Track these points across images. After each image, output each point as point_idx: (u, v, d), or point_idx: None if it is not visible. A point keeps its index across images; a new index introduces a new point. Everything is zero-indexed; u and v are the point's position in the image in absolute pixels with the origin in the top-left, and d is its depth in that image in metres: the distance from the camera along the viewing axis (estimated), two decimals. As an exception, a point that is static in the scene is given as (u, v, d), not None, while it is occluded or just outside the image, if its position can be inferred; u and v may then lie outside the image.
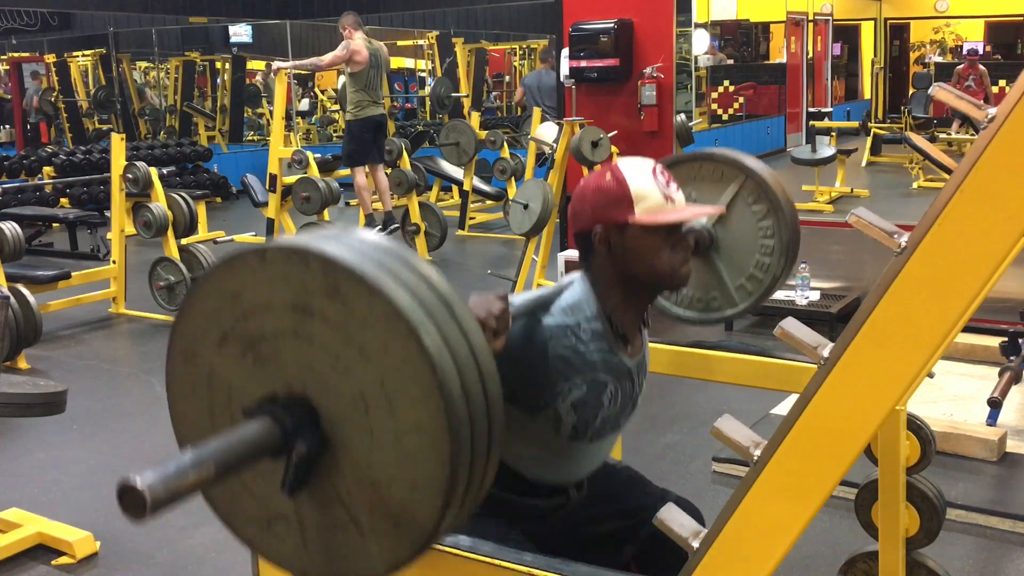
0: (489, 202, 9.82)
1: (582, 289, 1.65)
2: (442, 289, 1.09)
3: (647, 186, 1.58)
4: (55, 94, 13.33)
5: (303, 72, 14.44)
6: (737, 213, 2.08)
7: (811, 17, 14.98)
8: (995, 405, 3.64)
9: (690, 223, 2.01)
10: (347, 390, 1.08)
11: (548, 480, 1.72)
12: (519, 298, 1.56)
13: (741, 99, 14.44)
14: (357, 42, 7.34)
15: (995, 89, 12.99)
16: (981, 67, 12.72)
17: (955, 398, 4.07)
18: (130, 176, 6.04)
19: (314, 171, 7.15)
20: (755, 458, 1.24)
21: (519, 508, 1.71)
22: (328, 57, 7.47)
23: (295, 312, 1.08)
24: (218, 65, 15.16)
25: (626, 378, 1.69)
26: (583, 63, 6.18)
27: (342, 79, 10.25)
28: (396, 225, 8.12)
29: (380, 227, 7.98)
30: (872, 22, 17.69)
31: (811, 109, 14.37)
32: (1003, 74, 13.85)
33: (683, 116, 7.06)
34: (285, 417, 1.10)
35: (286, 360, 1.11)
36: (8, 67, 14.02)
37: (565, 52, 6.38)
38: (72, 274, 5.89)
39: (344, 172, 8.11)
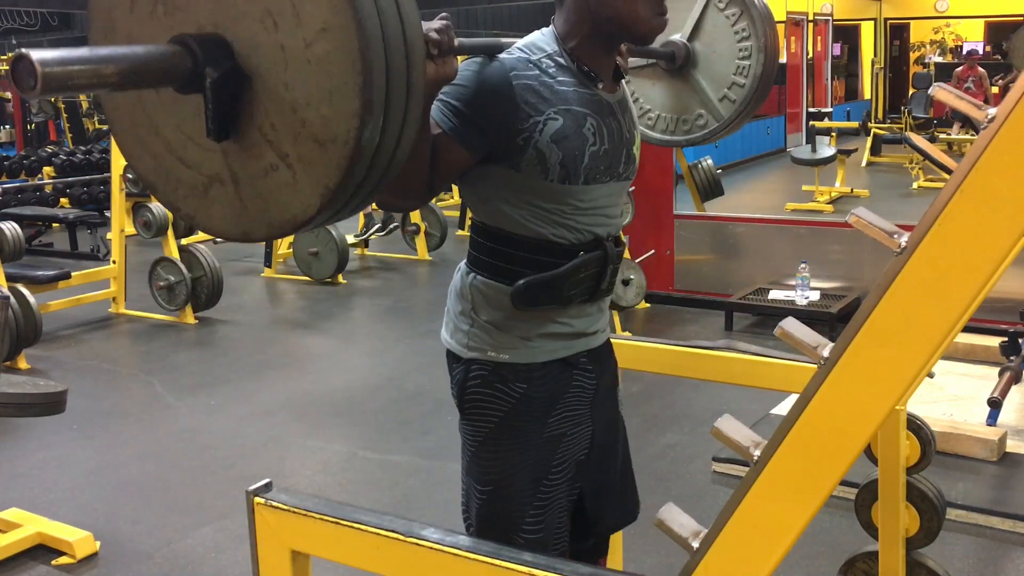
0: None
1: (542, 32, 1.65)
2: None
3: None
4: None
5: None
6: (711, 21, 2.09)
7: (811, 17, 14.98)
8: (995, 405, 3.64)
9: (669, 40, 2.07)
10: (253, 10, 1.10)
11: (571, 236, 1.64)
12: (470, 40, 1.53)
13: (741, 99, 14.41)
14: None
15: (995, 89, 12.99)
16: (980, 69, 12.71)
17: (955, 398, 4.07)
18: (130, 176, 6.04)
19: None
20: (755, 458, 1.24)
21: (564, 283, 1.63)
22: None
23: None
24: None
25: (608, 114, 1.64)
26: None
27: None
28: (396, 224, 8.13)
29: (379, 226, 8.00)
30: (872, 22, 17.71)
31: (811, 109, 14.38)
32: (1003, 74, 13.84)
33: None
34: (193, 43, 1.11)
35: (194, 3, 1.14)
36: (8, 67, 13.99)
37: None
38: (72, 274, 5.89)
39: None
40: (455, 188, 9.89)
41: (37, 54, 0.96)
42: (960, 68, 12.95)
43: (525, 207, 1.61)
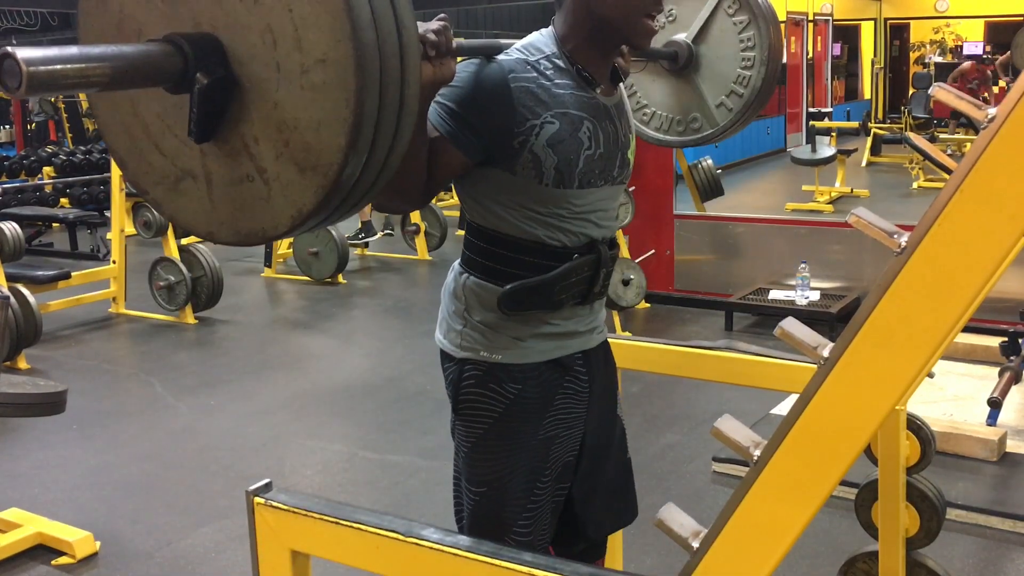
0: (489, 202, 9.82)
1: (540, 34, 1.64)
2: None
3: None
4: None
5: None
6: (718, 26, 2.07)
7: (811, 17, 14.98)
8: (995, 405, 3.64)
9: (671, 39, 2.07)
10: (255, 23, 1.07)
11: (565, 239, 1.64)
12: (468, 41, 1.53)
13: (741, 99, 14.42)
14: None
15: (995, 89, 12.98)
16: (988, 73, 12.64)
17: (955, 398, 4.07)
18: (130, 176, 6.04)
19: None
20: (755, 458, 1.24)
21: (553, 288, 1.63)
22: None
23: None
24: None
25: (604, 118, 1.64)
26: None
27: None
28: (390, 231, 8.15)
29: (385, 231, 8.03)
30: (872, 22, 17.70)
31: (811, 109, 14.38)
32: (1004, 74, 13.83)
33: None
34: (186, 45, 1.08)
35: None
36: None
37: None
38: (72, 274, 5.89)
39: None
40: (455, 188, 9.91)
41: (23, 52, 0.93)
42: (968, 64, 12.87)
43: (519, 209, 1.61)
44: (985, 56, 14.65)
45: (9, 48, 0.93)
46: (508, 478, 1.68)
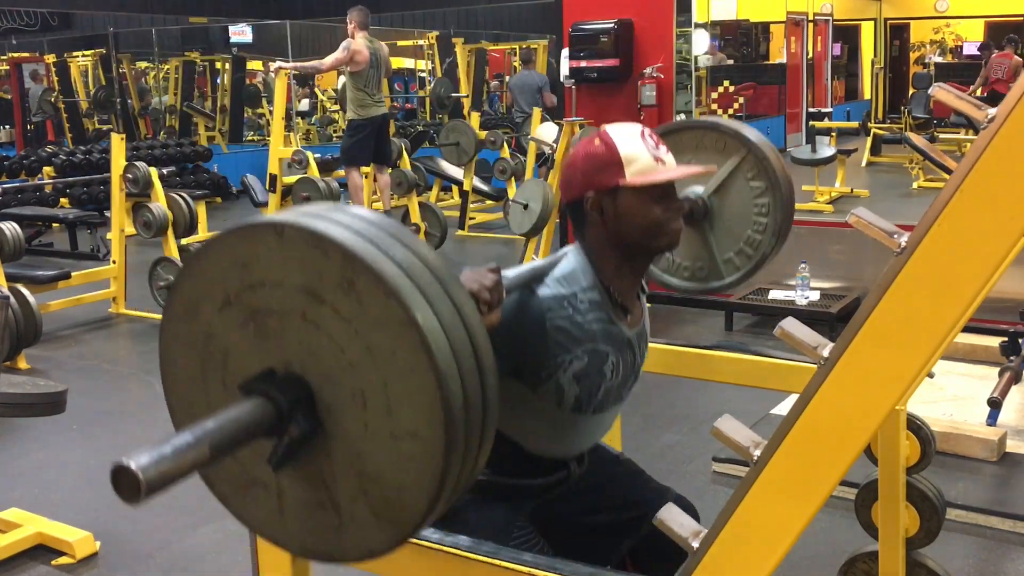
0: (489, 202, 9.83)
1: (577, 260, 1.65)
2: (457, 298, 1.07)
3: (636, 149, 1.59)
4: (55, 94, 13.33)
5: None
6: (735, 187, 2.07)
7: (811, 17, 14.98)
8: (995, 405, 3.64)
9: (687, 192, 2.06)
10: (348, 383, 1.06)
11: (550, 453, 1.71)
12: (512, 271, 1.54)
13: (741, 99, 14.44)
14: (358, 42, 7.33)
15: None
16: (1017, 58, 12.55)
17: (955, 398, 4.07)
18: (130, 176, 6.04)
19: (314, 171, 7.15)
20: (755, 458, 1.24)
21: (519, 488, 1.71)
22: (329, 60, 7.45)
23: (306, 295, 1.06)
24: (218, 65, 15.15)
25: (626, 348, 1.68)
26: (583, 63, 6.18)
27: (342, 79, 10.26)
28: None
29: None
30: (872, 22, 17.70)
31: (811, 109, 14.38)
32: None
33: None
34: (282, 398, 1.07)
35: (289, 339, 1.09)
36: (8, 67, 14.01)
37: (565, 52, 6.38)
38: (72, 274, 5.89)
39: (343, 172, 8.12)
40: (455, 188, 9.92)
41: (135, 462, 0.94)
42: (997, 55, 12.79)
43: (526, 420, 1.66)
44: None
45: (121, 462, 0.93)
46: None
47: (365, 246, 1.03)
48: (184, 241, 6.38)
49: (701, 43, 13.56)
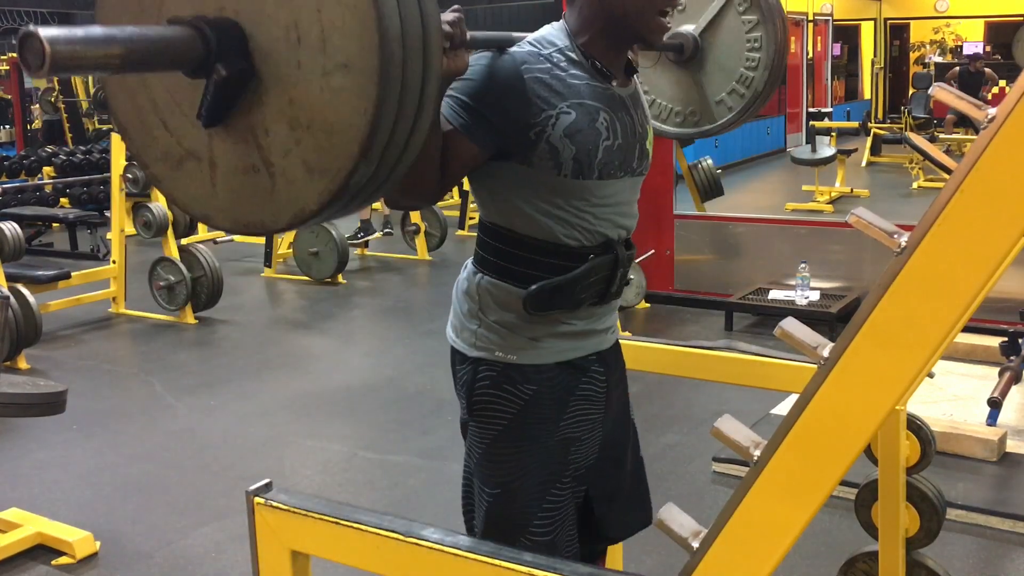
0: (489, 202, 9.82)
1: (554, 28, 1.63)
2: None
3: None
4: (55, 94, 13.33)
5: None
6: (727, 22, 2.05)
7: (811, 17, 14.98)
8: (995, 405, 3.64)
9: (678, 29, 2.04)
10: (282, 17, 1.05)
11: (583, 238, 1.62)
12: (481, 33, 1.51)
13: (741, 99, 14.41)
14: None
15: (995, 89, 12.99)
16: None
17: (955, 398, 4.07)
18: (130, 176, 6.04)
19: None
20: (755, 458, 1.24)
21: (574, 288, 1.62)
22: None
23: None
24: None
25: (620, 108, 1.63)
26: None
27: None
28: (390, 231, 8.15)
29: (385, 230, 8.03)
30: (872, 22, 17.70)
31: (811, 109, 14.38)
32: (1003, 74, 13.85)
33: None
34: (211, 33, 1.06)
35: None
36: (8, 67, 14.01)
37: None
38: (72, 274, 5.89)
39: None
40: (454, 188, 9.92)
41: (46, 32, 0.92)
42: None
43: (536, 204, 1.59)
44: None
45: (32, 28, 0.92)
46: (523, 479, 1.66)
47: None
48: (184, 241, 6.39)
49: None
